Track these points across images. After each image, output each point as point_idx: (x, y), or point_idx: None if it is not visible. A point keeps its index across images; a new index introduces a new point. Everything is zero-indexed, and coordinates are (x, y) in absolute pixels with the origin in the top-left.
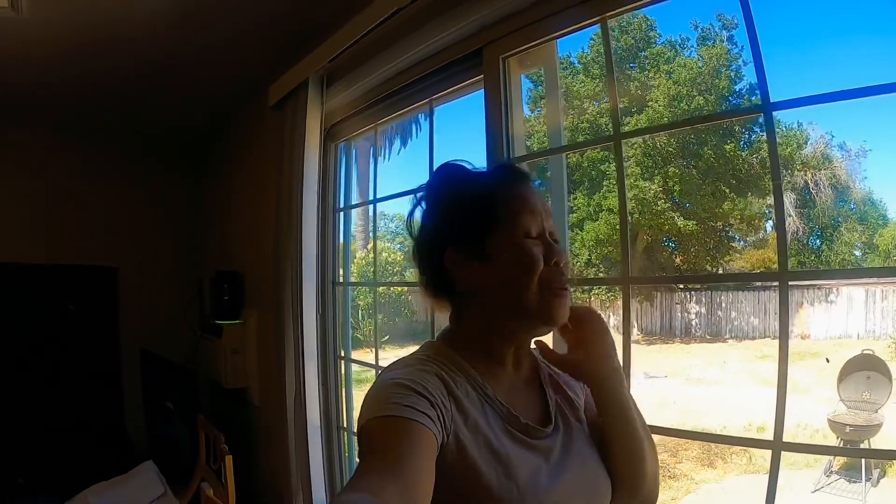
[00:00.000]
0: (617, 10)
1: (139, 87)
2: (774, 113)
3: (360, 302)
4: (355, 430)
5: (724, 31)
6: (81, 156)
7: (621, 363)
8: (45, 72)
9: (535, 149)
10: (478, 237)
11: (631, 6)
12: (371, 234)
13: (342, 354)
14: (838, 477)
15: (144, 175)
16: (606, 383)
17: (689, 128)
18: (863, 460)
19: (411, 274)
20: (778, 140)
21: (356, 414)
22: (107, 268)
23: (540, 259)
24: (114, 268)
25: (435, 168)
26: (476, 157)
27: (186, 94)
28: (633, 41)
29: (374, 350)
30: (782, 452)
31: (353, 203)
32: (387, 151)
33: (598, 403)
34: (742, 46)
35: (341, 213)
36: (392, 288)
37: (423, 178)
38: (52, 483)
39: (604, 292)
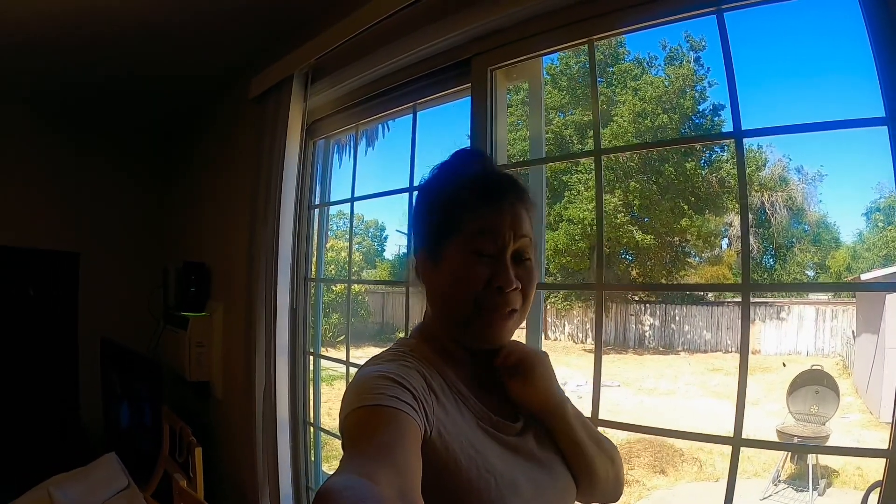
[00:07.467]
0: (604, 34)
1: (112, 69)
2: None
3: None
4: (337, 421)
5: (691, 52)
6: (48, 138)
7: (593, 366)
8: (16, 54)
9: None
10: (437, 239)
11: (618, 31)
12: (348, 233)
13: (311, 350)
14: (786, 486)
15: (114, 157)
16: (557, 412)
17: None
18: (810, 471)
19: (367, 274)
20: (737, 160)
21: (323, 410)
22: (69, 253)
23: (478, 281)
24: (76, 252)
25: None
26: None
27: (161, 81)
28: (602, 56)
29: (329, 349)
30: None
31: (331, 201)
32: (363, 151)
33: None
34: (708, 68)
35: (315, 210)
36: (350, 287)
37: (400, 180)
38: (6, 474)
39: (560, 301)
